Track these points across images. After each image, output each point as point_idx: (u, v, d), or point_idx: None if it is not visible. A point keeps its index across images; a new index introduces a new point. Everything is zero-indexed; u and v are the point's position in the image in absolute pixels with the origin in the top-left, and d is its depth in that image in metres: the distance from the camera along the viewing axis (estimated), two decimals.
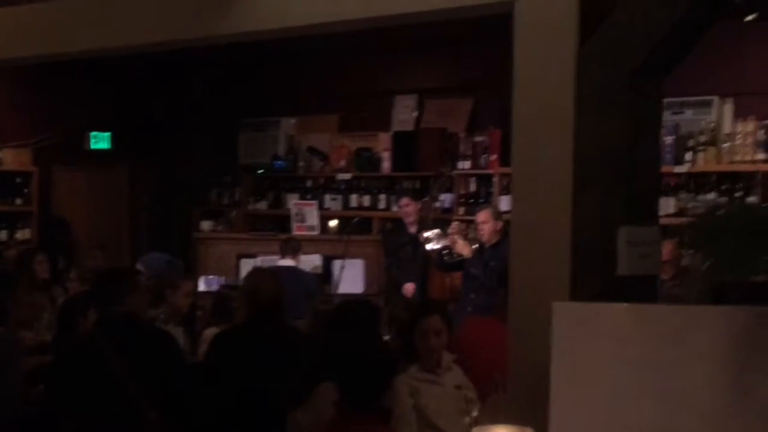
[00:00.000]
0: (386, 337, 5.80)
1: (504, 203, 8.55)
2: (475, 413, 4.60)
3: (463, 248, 7.79)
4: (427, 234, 8.06)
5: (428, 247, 8.04)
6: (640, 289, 3.56)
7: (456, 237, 7.86)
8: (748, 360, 2.74)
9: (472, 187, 9.26)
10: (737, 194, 7.55)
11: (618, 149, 3.75)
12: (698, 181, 7.83)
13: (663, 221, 5.10)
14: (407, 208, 8.83)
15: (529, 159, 3.99)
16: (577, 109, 3.82)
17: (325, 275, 8.99)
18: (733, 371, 2.76)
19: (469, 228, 8.60)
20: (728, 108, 8.11)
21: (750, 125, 7.59)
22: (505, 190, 8.74)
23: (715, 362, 2.80)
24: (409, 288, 8.49)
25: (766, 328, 2.66)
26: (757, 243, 2.64)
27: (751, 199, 7.39)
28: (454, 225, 8.12)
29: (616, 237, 3.60)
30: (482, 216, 7.84)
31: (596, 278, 3.67)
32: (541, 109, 3.93)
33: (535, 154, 3.95)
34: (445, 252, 7.98)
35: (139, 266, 7.74)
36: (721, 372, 2.79)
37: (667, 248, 6.43)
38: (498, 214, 7.85)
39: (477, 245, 7.80)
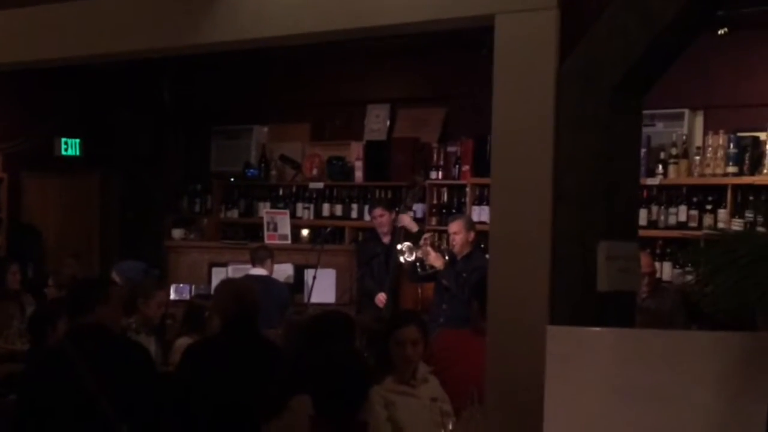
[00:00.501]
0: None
1: (476, 214, 8.55)
2: (450, 426, 4.59)
3: (436, 260, 7.78)
4: (399, 246, 8.04)
5: (401, 259, 8.03)
6: (620, 305, 3.57)
7: (428, 249, 7.85)
8: (743, 386, 2.73)
9: (444, 197, 9.27)
10: (708, 207, 7.62)
11: (597, 164, 3.76)
12: (670, 194, 7.89)
13: None
14: (381, 219, 8.79)
15: (509, 173, 3.99)
16: (556, 124, 3.82)
17: (297, 285, 8.95)
18: (727, 397, 2.75)
19: (440, 239, 8.61)
20: (699, 121, 8.16)
21: (720, 138, 7.64)
22: (478, 201, 8.75)
23: (710, 387, 2.80)
24: (381, 298, 8.46)
25: (761, 354, 2.66)
26: (759, 271, 2.64)
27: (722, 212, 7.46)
28: (427, 237, 8.11)
29: (595, 252, 3.60)
30: (454, 226, 7.83)
31: (576, 293, 3.67)
32: (521, 123, 3.93)
33: (515, 168, 3.95)
34: (417, 264, 7.97)
35: (114, 274, 7.67)
36: (715, 397, 2.78)
37: (644, 260, 6.45)
38: (470, 225, 7.85)
39: (448, 256, 7.79)
